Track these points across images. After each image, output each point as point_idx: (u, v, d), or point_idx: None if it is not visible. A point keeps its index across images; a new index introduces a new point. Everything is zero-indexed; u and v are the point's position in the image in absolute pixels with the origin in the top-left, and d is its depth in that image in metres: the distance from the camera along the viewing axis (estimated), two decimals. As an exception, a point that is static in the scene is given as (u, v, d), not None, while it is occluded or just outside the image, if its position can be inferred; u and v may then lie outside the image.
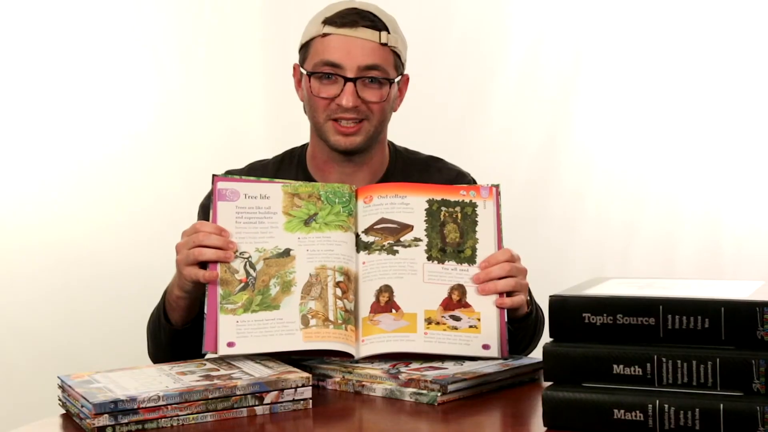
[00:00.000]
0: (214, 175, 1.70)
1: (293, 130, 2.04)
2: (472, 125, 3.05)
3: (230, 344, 1.59)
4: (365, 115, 1.85)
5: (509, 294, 1.69)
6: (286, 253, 1.67)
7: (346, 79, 1.82)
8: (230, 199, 1.68)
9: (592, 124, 2.99)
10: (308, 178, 1.92)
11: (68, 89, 3.06)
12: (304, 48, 1.88)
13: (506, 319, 1.67)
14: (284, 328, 1.61)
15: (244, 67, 3.29)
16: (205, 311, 1.61)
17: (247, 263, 1.64)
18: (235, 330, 1.60)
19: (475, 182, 2.02)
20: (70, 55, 3.06)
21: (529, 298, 1.77)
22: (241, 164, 2.01)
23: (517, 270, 1.70)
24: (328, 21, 1.84)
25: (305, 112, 1.92)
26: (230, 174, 1.95)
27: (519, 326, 1.75)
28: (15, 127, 3.00)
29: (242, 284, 1.63)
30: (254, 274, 1.64)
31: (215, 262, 1.63)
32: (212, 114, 3.26)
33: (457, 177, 1.99)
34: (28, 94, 3.01)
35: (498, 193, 1.73)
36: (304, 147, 1.99)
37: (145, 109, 3.17)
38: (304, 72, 1.87)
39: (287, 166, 1.95)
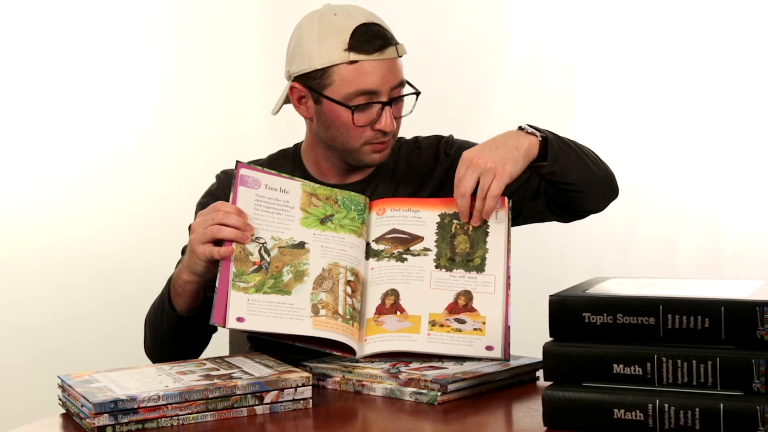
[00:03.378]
0: (238, 162, 1.71)
1: (293, 130, 2.04)
2: (473, 125, 3.04)
3: (240, 319, 1.58)
4: (393, 133, 1.87)
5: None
6: (301, 245, 1.68)
7: (384, 104, 1.81)
8: (251, 187, 1.69)
9: (592, 124, 2.99)
10: (305, 176, 1.91)
11: (68, 89, 3.07)
12: (320, 73, 1.82)
13: (509, 324, 1.67)
14: (294, 313, 1.61)
15: (244, 67, 3.30)
16: (217, 285, 1.60)
17: (262, 248, 1.65)
18: (246, 306, 1.60)
19: (454, 140, 2.00)
20: (70, 55, 3.07)
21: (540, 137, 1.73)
22: (239, 164, 2.00)
23: (476, 170, 1.68)
24: (354, 48, 1.79)
25: (318, 132, 1.89)
26: (227, 172, 1.95)
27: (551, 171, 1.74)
28: (15, 127, 3.00)
29: (256, 266, 1.64)
30: (268, 259, 1.65)
31: (231, 241, 1.63)
32: (212, 114, 3.26)
33: (440, 143, 1.98)
34: (29, 94, 3.02)
35: (510, 206, 1.73)
36: (297, 147, 1.99)
37: (145, 109, 3.17)
38: (333, 100, 1.82)
39: (281, 164, 1.95)
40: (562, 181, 1.79)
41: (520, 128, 1.74)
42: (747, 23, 2.83)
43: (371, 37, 1.80)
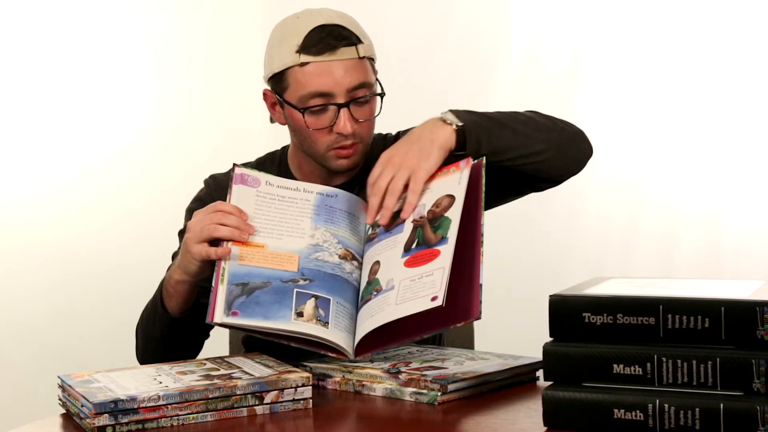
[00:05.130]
0: (234, 165, 1.71)
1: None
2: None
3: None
4: (360, 138, 1.82)
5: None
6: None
7: (339, 106, 1.78)
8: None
9: (593, 123, 2.98)
10: (291, 179, 1.90)
11: (68, 88, 3.07)
12: (279, 77, 1.81)
13: (481, 283, 1.57)
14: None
15: (243, 67, 3.30)
16: (212, 285, 1.59)
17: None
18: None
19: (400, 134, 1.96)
20: (70, 55, 3.07)
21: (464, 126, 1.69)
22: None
23: (391, 169, 1.66)
24: (304, 49, 1.77)
25: (293, 138, 1.89)
26: (215, 177, 1.94)
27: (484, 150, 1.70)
28: (15, 126, 3.01)
29: None
30: None
31: (228, 240, 1.62)
32: (212, 114, 3.27)
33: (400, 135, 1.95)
34: (29, 93, 3.02)
35: (478, 166, 1.67)
36: (285, 150, 1.98)
37: (145, 109, 3.18)
38: (290, 104, 1.81)
39: (269, 167, 1.94)
40: (501, 159, 1.74)
41: (441, 115, 1.72)
42: (747, 23, 2.84)
43: (324, 38, 1.77)
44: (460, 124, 1.70)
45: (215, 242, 1.63)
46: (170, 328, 1.76)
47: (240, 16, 3.33)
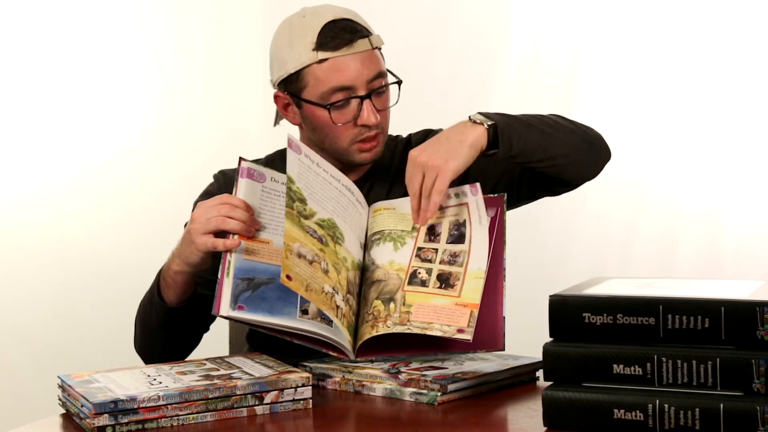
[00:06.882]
0: (241, 158, 1.70)
1: (293, 129, 2.04)
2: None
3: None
4: (381, 128, 1.84)
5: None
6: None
7: (362, 98, 1.79)
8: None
9: (593, 123, 2.98)
10: None
11: (68, 89, 3.07)
12: (294, 77, 1.81)
13: (504, 315, 1.64)
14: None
15: (243, 67, 3.30)
16: (218, 277, 1.59)
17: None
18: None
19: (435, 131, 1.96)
20: (70, 55, 3.07)
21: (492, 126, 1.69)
22: (240, 163, 2.00)
23: (420, 168, 1.65)
24: (321, 46, 1.78)
25: (309, 137, 1.88)
26: (224, 173, 1.94)
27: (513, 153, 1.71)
28: (15, 126, 3.01)
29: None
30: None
31: (235, 234, 1.61)
32: (212, 114, 3.27)
33: (426, 137, 1.95)
34: (29, 93, 3.02)
35: (505, 201, 1.70)
36: None
37: (145, 109, 3.18)
38: (311, 102, 1.81)
39: (279, 165, 1.94)
40: (529, 161, 1.76)
41: (470, 118, 1.71)
42: (747, 23, 2.83)
43: (339, 32, 1.78)
44: (491, 123, 1.69)
45: (220, 234, 1.63)
46: (167, 317, 1.76)
47: (240, 16, 3.33)
